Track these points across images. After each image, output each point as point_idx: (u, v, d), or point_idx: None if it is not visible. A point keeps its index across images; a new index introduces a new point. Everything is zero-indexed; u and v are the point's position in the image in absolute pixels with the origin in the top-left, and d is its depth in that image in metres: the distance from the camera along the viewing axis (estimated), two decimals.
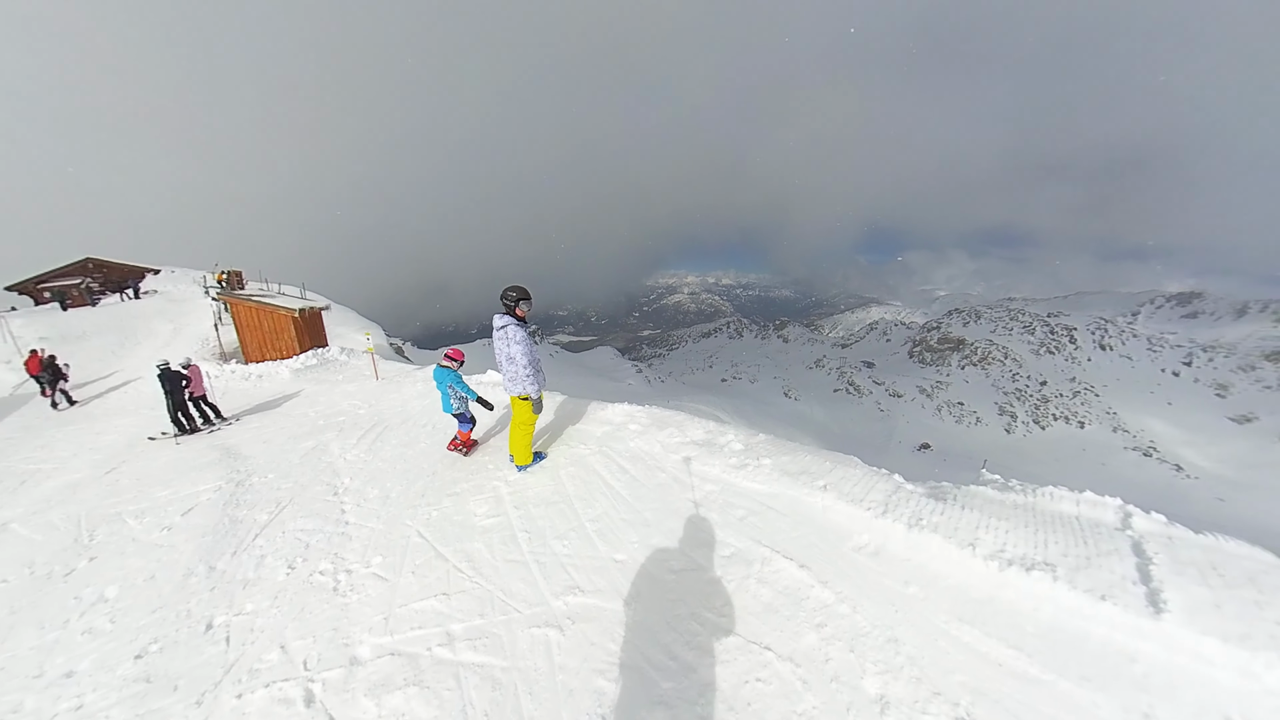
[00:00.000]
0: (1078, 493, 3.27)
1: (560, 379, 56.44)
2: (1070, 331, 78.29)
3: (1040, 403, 66.95)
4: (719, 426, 4.68)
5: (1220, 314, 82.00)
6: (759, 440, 4.34)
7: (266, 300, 13.62)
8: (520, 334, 4.12)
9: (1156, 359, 72.19)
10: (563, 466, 4.48)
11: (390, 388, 9.02)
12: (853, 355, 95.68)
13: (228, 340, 14.81)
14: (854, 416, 71.93)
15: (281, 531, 4.23)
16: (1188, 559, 2.52)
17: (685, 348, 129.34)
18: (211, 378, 11.09)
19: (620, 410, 5.37)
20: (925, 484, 3.71)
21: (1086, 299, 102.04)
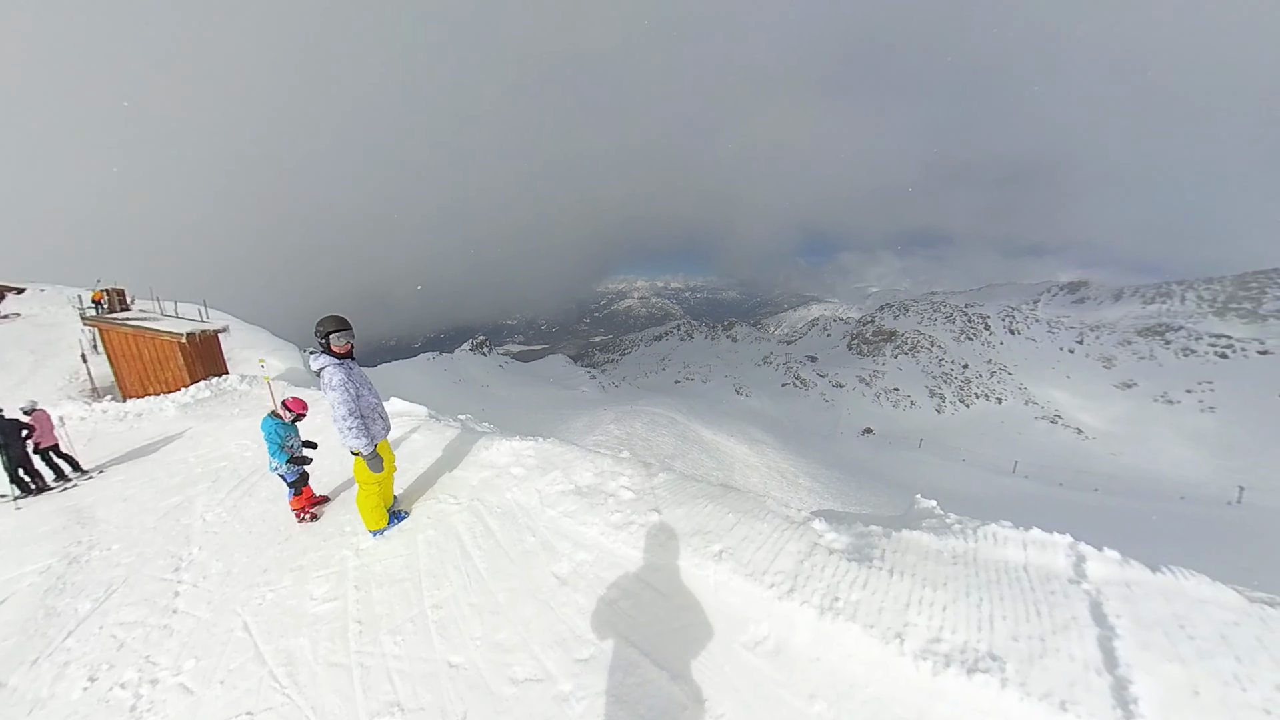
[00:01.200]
0: (1024, 531, 2.86)
1: (512, 390, 54.42)
2: (985, 319, 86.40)
3: (964, 384, 72.65)
4: (614, 466, 4.07)
5: (1102, 299, 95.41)
6: (656, 484, 3.73)
7: (147, 324, 11.67)
8: (337, 376, 3.37)
9: (1055, 339, 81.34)
10: (423, 529, 3.84)
11: None
12: (797, 351, 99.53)
13: (101, 373, 12.62)
14: (802, 408, 74.65)
15: (99, 626, 3.46)
16: (1151, 617, 2.12)
17: (638, 352, 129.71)
18: (66, 424, 9.18)
19: (506, 450, 4.71)
20: (850, 530, 3.16)
21: (996, 290, 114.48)
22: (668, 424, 32.78)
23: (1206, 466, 48.96)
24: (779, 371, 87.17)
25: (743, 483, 25.81)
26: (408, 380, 46.29)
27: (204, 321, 13.39)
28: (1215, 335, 71.17)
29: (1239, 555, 23.70)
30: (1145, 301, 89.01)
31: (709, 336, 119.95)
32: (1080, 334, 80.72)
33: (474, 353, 73.35)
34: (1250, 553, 24.64)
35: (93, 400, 11.42)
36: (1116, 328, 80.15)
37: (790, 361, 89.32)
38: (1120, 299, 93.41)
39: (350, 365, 3.50)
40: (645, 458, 22.09)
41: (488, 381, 58.94)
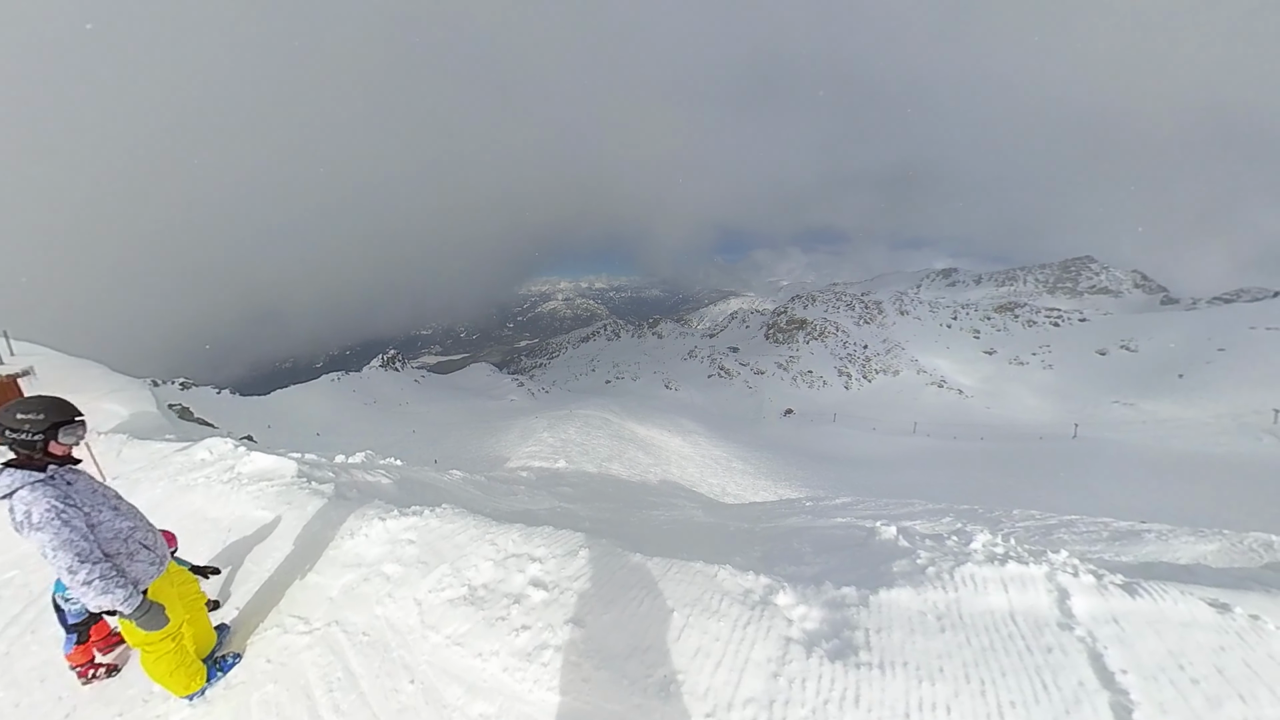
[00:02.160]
0: (1000, 566, 2.66)
1: (433, 406, 50.63)
2: (879, 304, 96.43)
3: (866, 362, 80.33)
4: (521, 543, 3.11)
5: (968, 282, 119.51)
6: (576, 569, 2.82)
7: None
8: (40, 508, 2.07)
9: (935, 317, 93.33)
10: (259, 683, 2.70)
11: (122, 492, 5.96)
12: (720, 343, 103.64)
13: None
14: (728, 396, 77.99)
15: None
16: (1149, 657, 2.04)
17: (566, 354, 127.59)
18: None
19: (379, 535, 3.51)
20: (820, 597, 2.67)
21: (886, 279, 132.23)
22: (602, 425, 32.25)
23: (1051, 411, 60.21)
24: (704, 364, 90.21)
25: (678, 474, 26.01)
26: (309, 408, 41.04)
27: None
28: (1049, 309, 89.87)
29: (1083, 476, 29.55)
30: (998, 284, 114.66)
31: (636, 335, 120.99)
32: (954, 312, 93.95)
33: (385, 369, 67.26)
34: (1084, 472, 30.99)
35: None
36: (979, 306, 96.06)
37: (714, 353, 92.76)
38: (980, 282, 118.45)
39: (70, 477, 2.23)
40: (583, 463, 21.44)
41: (404, 399, 54.36)
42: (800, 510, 12.43)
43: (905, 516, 10.66)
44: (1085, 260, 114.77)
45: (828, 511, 11.96)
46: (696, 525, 7.62)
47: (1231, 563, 5.69)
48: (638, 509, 12.53)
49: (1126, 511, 19.71)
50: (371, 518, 3.54)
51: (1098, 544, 6.87)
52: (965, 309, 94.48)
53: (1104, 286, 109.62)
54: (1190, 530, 6.89)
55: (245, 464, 5.05)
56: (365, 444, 29.67)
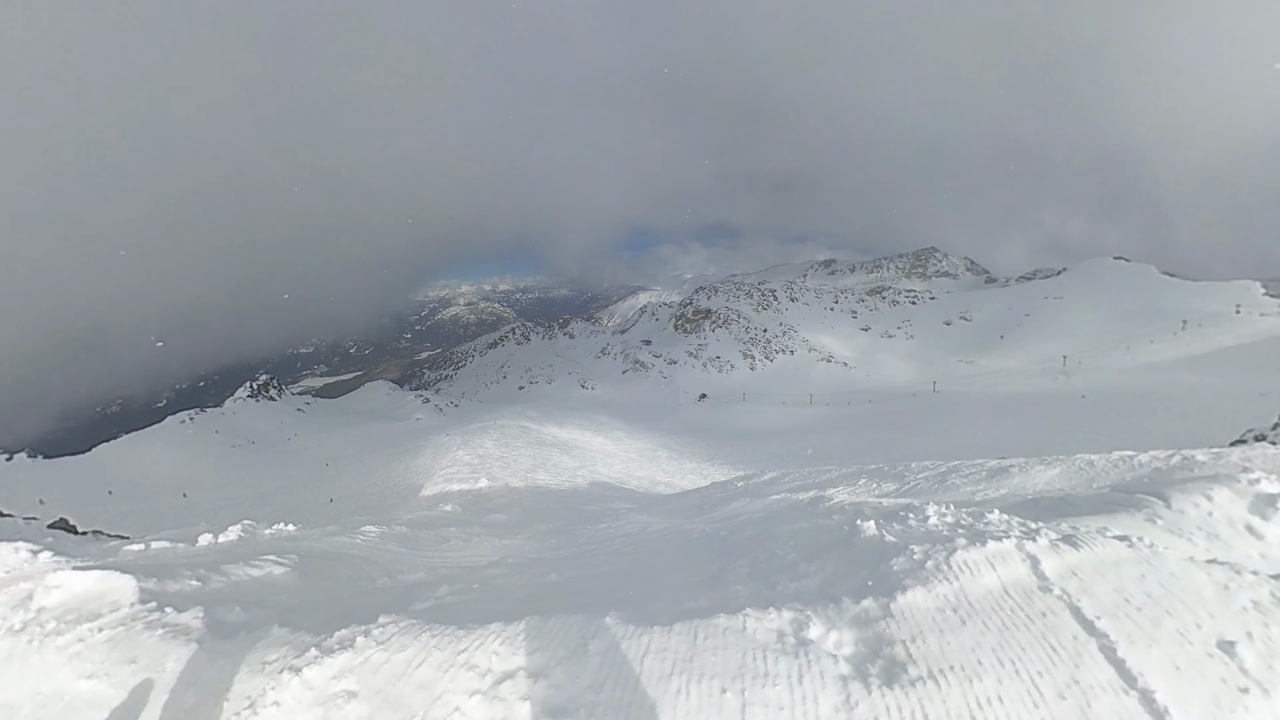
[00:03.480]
0: (981, 546, 2.92)
1: (324, 438, 44.34)
2: (773, 292, 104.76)
3: (766, 344, 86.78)
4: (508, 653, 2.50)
5: (844, 270, 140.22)
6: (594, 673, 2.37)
7: None
8: None
9: (820, 302, 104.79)
10: None
11: None
12: (632, 337, 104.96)
13: None
14: (644, 388, 79.47)
15: None
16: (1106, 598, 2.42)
17: (473, 363, 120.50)
18: None
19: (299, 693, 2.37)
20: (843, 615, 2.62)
21: (777, 269, 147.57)
22: (520, 434, 30.74)
23: (915, 374, 71.59)
24: (618, 360, 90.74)
25: (606, 472, 25.73)
26: (152, 462, 32.45)
27: None
28: (908, 290, 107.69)
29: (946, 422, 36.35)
30: (868, 271, 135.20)
31: (546, 336, 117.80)
32: (835, 297, 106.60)
33: (257, 399, 56.97)
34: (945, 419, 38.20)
35: None
36: (855, 290, 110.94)
37: (627, 348, 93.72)
38: (854, 270, 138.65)
39: None
40: (506, 478, 20.11)
41: (286, 434, 46.89)
42: (736, 493, 12.74)
43: (826, 483, 11.39)
44: (931, 250, 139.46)
45: (761, 489, 12.40)
46: (653, 537, 7.26)
47: (1072, 482, 6.96)
48: (581, 524, 11.89)
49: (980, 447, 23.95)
50: (278, 670, 2.37)
51: (981, 482, 7.85)
52: (844, 294, 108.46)
53: (946, 271, 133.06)
54: (1038, 460, 8.23)
55: (48, 591, 3.37)
56: (238, 502, 24.91)
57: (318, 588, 4.46)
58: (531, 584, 4.04)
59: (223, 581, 3.91)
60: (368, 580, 5.27)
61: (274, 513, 17.61)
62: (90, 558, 4.40)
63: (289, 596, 4.03)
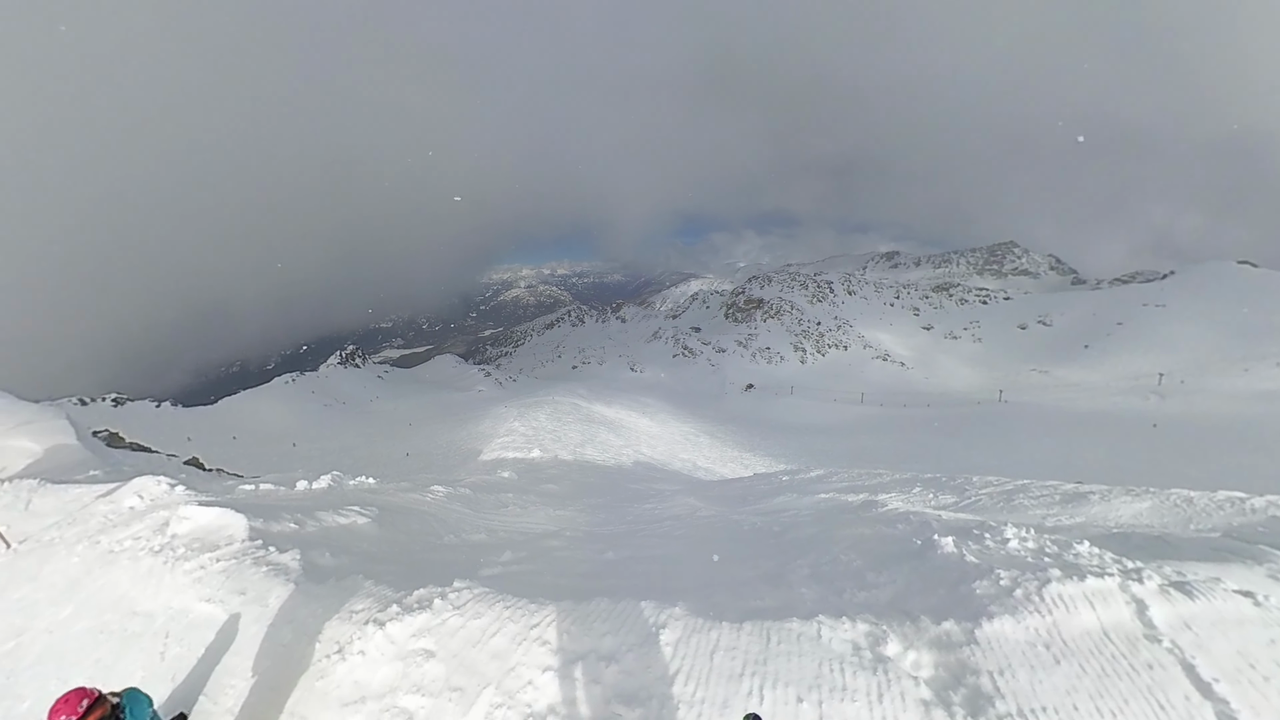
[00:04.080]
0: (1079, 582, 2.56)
1: (399, 403, 47.95)
2: (829, 284, 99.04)
3: (819, 338, 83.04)
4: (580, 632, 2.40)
5: (909, 264, 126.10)
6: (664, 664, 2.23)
7: None
8: None
9: (880, 296, 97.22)
10: None
11: (32, 562, 4.47)
12: (682, 324, 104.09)
13: None
14: (692, 374, 78.87)
15: None
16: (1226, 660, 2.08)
17: (531, 342, 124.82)
18: None
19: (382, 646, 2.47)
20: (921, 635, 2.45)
21: (835, 260, 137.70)
22: (571, 410, 31.51)
23: (980, 380, 65.12)
24: (668, 344, 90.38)
25: (650, 453, 25.86)
26: (263, 414, 37.32)
27: None
28: (979, 289, 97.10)
29: (1011, 436, 33.09)
30: (935, 266, 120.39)
31: (600, 319, 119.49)
32: (896, 292, 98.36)
33: (345, 366, 62.74)
34: (1011, 432, 34.35)
35: None
36: (919, 286, 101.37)
37: (677, 334, 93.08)
38: (920, 265, 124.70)
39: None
40: (557, 450, 20.71)
41: (368, 397, 51.13)
42: (781, 487, 12.30)
43: (878, 488, 10.70)
44: (1009, 245, 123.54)
45: (807, 486, 11.89)
46: (703, 523, 7.14)
47: (1164, 519, 6.06)
48: (628, 501, 12.00)
49: (1050, 467, 21.57)
50: (363, 621, 2.56)
51: (1053, 507, 7.08)
52: (906, 289, 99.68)
53: (1024, 269, 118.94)
54: (1123, 490, 7.26)
55: (181, 520, 3.87)
56: (328, 453, 27.52)
57: (394, 540, 4.74)
58: (591, 560, 4.05)
59: (315, 526, 4.24)
60: (436, 536, 5.56)
61: (356, 465, 19.22)
62: (213, 494, 4.92)
63: (370, 545, 4.31)
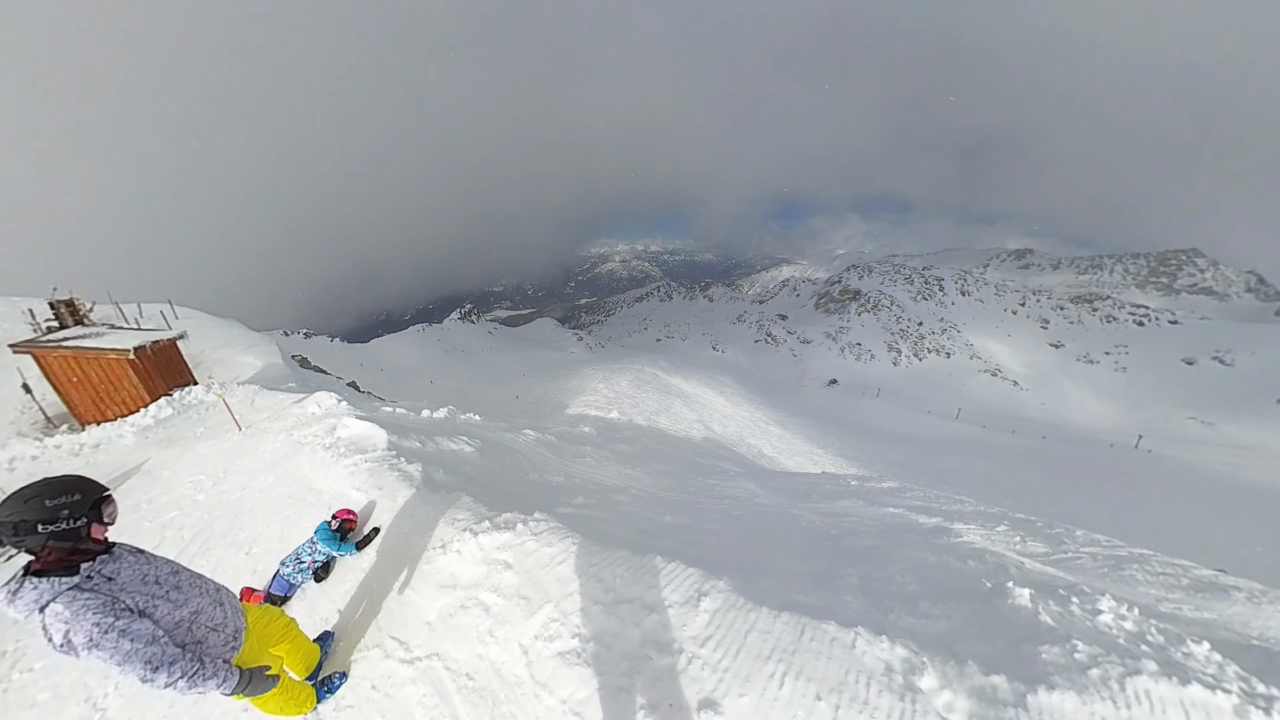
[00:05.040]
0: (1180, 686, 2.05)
1: (502, 356, 52.62)
2: (940, 281, 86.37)
3: (918, 340, 73.84)
4: (631, 580, 2.55)
5: (1043, 266, 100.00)
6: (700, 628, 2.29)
7: (87, 343, 9.46)
8: (87, 625, 1.54)
9: (1001, 301, 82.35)
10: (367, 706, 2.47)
11: (251, 442, 6.28)
12: (769, 309, 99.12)
13: (51, 401, 10.09)
14: (772, 362, 75.32)
15: None
16: None
17: (621, 313, 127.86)
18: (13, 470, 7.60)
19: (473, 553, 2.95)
20: (965, 681, 2.17)
21: (950, 254, 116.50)
22: (651, 380, 32.14)
23: (1113, 417, 52.12)
24: (752, 329, 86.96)
25: (719, 431, 25.60)
26: (400, 354, 44.11)
27: (160, 329, 11.08)
28: (1135, 305, 75.35)
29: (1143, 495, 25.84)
30: (1079, 271, 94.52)
31: (687, 297, 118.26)
32: (1023, 297, 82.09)
33: (463, 321, 70.43)
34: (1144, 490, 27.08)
35: (45, 434, 9.23)
36: (1053, 293, 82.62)
37: (763, 320, 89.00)
38: (1058, 268, 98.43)
39: (109, 570, 1.68)
40: (633, 414, 21.45)
41: (479, 349, 56.84)
42: (848, 491, 11.52)
43: (956, 515, 9.49)
44: (1190, 254, 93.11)
45: (876, 496, 10.99)
46: (760, 510, 7.04)
47: None
48: (692, 473, 12.13)
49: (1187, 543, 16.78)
50: (462, 529, 3.11)
51: (1175, 591, 5.60)
52: (1036, 295, 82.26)
53: (1207, 286, 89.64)
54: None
55: (343, 428, 4.96)
56: (446, 392, 31.28)
57: (490, 468, 5.40)
58: (651, 519, 4.26)
59: (433, 448, 4.99)
60: (523, 472, 6.20)
61: (466, 403, 21.72)
62: (364, 410, 5.99)
63: (472, 470, 4.97)
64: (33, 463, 7.85)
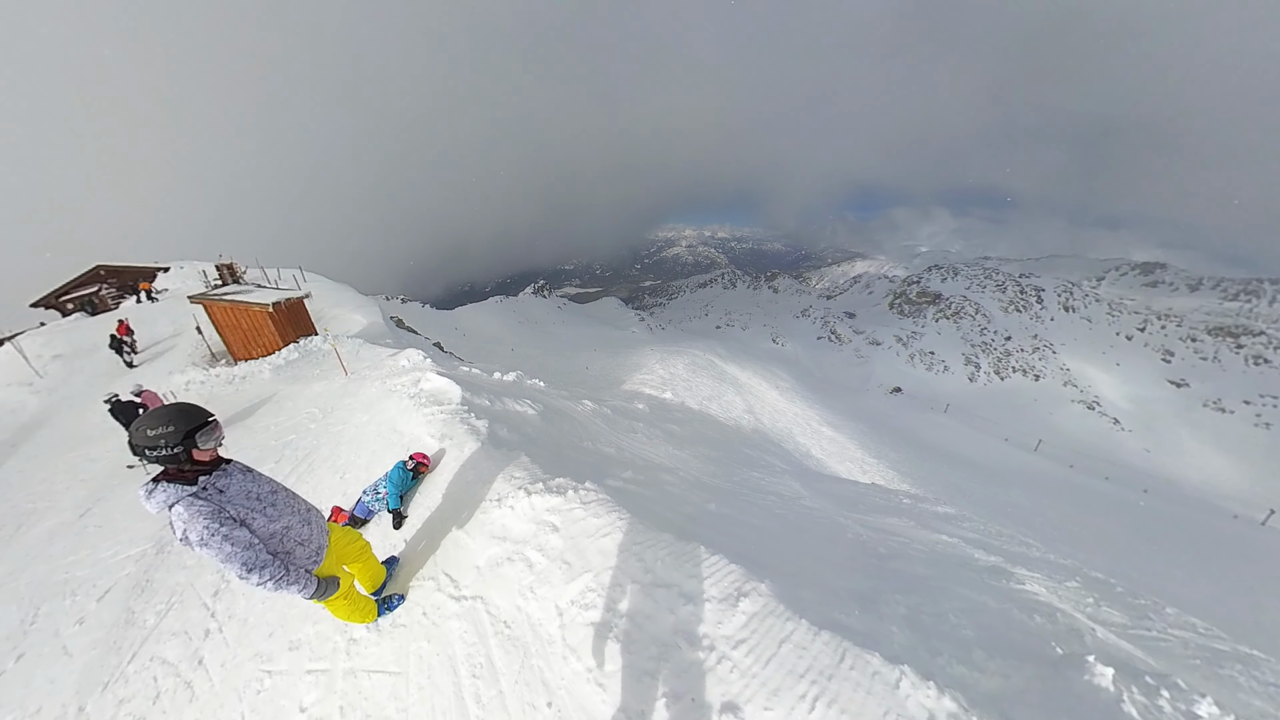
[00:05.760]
0: None
1: (568, 330, 54.46)
2: (1039, 292, 74.63)
3: (1003, 356, 65.28)
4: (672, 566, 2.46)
5: (1177, 285, 76.56)
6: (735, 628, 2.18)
7: (241, 298, 11.69)
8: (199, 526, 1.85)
9: (1114, 323, 69.29)
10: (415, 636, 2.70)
11: (353, 386, 7.15)
12: (836, 306, 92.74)
13: (215, 341, 12.83)
14: (834, 361, 70.81)
15: (150, 657, 3.13)
16: None
17: (683, 297, 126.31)
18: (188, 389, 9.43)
19: (525, 511, 3.02)
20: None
21: (1057, 261, 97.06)
22: (707, 367, 31.62)
23: (1238, 482, 42.48)
24: (816, 325, 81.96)
25: (769, 425, 24.66)
26: (480, 321, 47.48)
27: (292, 289, 13.18)
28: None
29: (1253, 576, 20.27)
30: (1226, 297, 71.45)
31: (751, 286, 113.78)
32: (1144, 321, 67.56)
33: (536, 295, 73.78)
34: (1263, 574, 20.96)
35: (209, 366, 11.63)
36: (1186, 320, 66.04)
37: (829, 316, 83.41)
38: (1197, 289, 75.55)
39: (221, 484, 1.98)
40: (685, 397, 21.30)
41: (549, 322, 59.21)
42: (899, 509, 10.63)
43: (1019, 559, 8.28)
44: None
45: (928, 520, 10.01)
46: (804, 513, 6.68)
47: None
48: (737, 463, 11.82)
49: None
50: (517, 487, 3.24)
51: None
52: (1162, 320, 66.83)
53: None
54: None
55: (426, 381, 5.43)
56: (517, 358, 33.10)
57: (549, 432, 5.58)
58: (695, 504, 4.17)
59: (500, 408, 5.24)
60: (578, 439, 6.36)
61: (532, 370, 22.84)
62: (444, 368, 6.43)
63: (532, 431, 5.16)
64: (201, 386, 9.70)
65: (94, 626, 3.63)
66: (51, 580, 4.33)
